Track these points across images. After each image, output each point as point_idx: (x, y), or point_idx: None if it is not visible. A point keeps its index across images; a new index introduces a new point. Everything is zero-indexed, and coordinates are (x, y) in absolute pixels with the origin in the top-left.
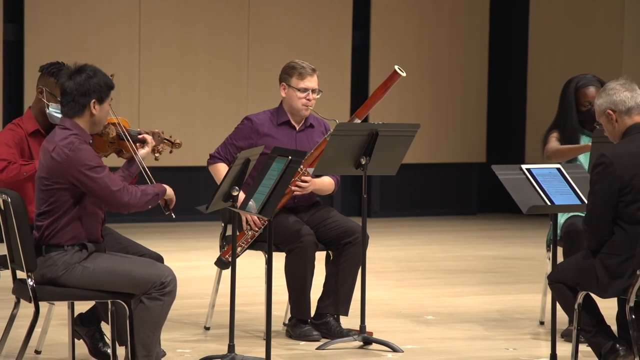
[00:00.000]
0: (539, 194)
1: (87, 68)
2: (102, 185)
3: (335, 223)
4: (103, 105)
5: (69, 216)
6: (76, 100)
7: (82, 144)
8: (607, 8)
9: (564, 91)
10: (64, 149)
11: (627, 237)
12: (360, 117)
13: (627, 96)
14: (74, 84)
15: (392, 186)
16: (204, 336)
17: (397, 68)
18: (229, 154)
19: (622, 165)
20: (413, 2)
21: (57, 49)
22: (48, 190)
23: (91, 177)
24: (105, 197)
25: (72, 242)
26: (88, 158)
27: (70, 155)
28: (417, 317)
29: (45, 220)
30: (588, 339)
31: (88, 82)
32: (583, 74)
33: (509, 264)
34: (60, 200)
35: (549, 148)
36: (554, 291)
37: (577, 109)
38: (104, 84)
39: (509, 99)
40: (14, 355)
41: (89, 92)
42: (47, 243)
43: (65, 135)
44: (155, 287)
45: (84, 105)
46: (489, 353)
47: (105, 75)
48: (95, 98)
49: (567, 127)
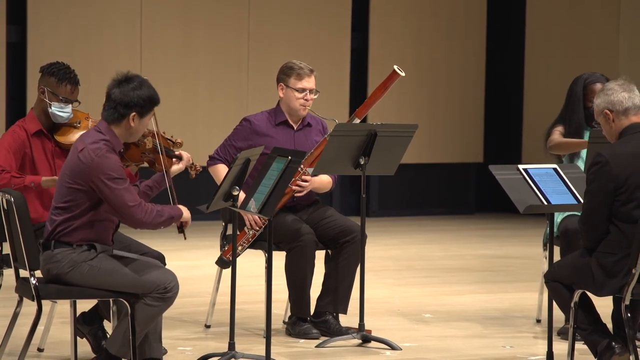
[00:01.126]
0: (535, 194)
1: (135, 79)
2: (119, 197)
3: (334, 222)
4: (143, 119)
5: (84, 219)
6: (117, 109)
7: (109, 152)
8: (603, 10)
9: (572, 87)
10: (91, 153)
11: (622, 236)
12: (360, 116)
13: (625, 97)
14: (119, 92)
15: (390, 186)
16: (205, 334)
17: (396, 68)
18: (228, 154)
19: (618, 164)
20: (411, 4)
21: (60, 51)
22: (68, 188)
23: (110, 187)
24: (119, 209)
25: (82, 242)
26: (112, 168)
27: (96, 161)
28: (415, 316)
29: (60, 217)
30: (584, 337)
31: (133, 93)
32: (591, 72)
33: (506, 263)
34: (77, 201)
35: (551, 139)
36: (551, 290)
37: (584, 105)
38: (147, 97)
39: (506, 99)
40: (17, 353)
41: (132, 104)
42: (57, 239)
43: (97, 139)
44: (158, 290)
45: (124, 115)
46: (486, 351)
47: (151, 89)
48: (136, 112)
49: (573, 121)
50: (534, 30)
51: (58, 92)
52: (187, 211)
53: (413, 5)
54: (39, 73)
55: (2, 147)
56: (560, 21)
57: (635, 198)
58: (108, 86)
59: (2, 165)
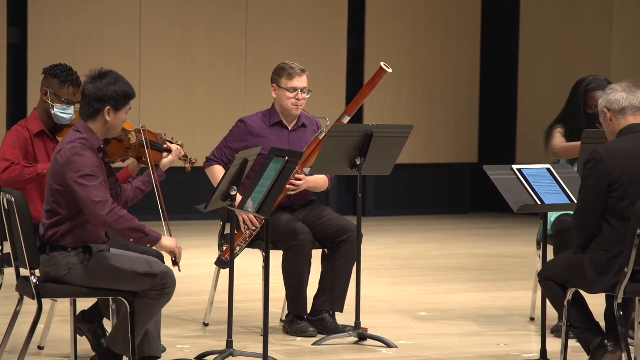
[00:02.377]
0: (529, 194)
1: (109, 74)
2: (86, 193)
3: (330, 222)
4: (119, 113)
5: (70, 224)
6: (92, 104)
7: (84, 149)
8: (596, 9)
9: (574, 90)
10: (67, 152)
11: (615, 234)
12: (349, 114)
13: (623, 97)
14: (93, 88)
15: (386, 186)
16: (203, 332)
17: (383, 64)
18: (225, 156)
19: (613, 161)
20: (406, 6)
21: (60, 53)
22: (52, 190)
23: (81, 183)
24: (85, 205)
25: (76, 245)
26: (84, 164)
27: (70, 160)
28: (411, 314)
29: (48, 220)
30: (577, 334)
31: (106, 89)
32: (595, 76)
33: (500, 262)
34: (60, 202)
35: (555, 144)
36: (544, 288)
37: (585, 110)
38: (122, 92)
39: (500, 101)
40: (18, 351)
41: (105, 98)
42: (51, 244)
43: (74, 138)
44: (157, 287)
45: (99, 110)
46: (481, 349)
47: (126, 84)
48: (110, 105)
49: (574, 127)
50: (528, 32)
51: (60, 94)
52: (171, 240)
53: (408, 7)
54: (42, 75)
55: (7, 143)
56: (554, 21)
57: (628, 195)
58: (83, 83)
59: (10, 159)
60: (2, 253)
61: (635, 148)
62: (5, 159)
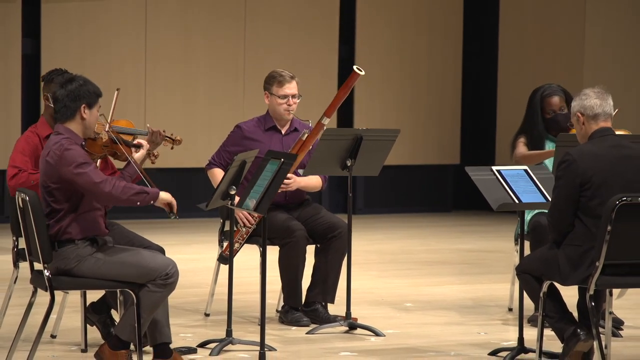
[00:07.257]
0: (508, 193)
1: (77, 78)
2: (87, 178)
3: (322, 219)
4: (92, 110)
5: (73, 214)
6: (67, 105)
7: (71, 144)
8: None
9: (531, 99)
10: (55, 151)
11: (587, 231)
12: (328, 115)
13: (597, 103)
14: (65, 92)
15: (375, 186)
16: (204, 322)
17: (356, 68)
18: (223, 159)
19: (585, 163)
20: (394, 18)
21: (71, 62)
22: (48, 192)
23: (79, 172)
24: (89, 189)
25: (81, 236)
26: (76, 155)
27: (61, 155)
28: (398, 305)
29: (51, 219)
30: (552, 324)
31: (79, 90)
32: (549, 84)
33: (481, 256)
34: (58, 199)
35: (517, 153)
36: (521, 281)
37: (543, 116)
38: (92, 91)
39: (481, 108)
40: (32, 340)
41: (79, 97)
42: (58, 239)
43: (57, 139)
44: (161, 277)
45: (75, 109)
46: (462, 337)
47: (93, 85)
48: (85, 103)
49: (534, 132)
50: (507, 42)
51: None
52: (166, 193)
53: (396, 18)
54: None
55: (16, 150)
56: (531, 33)
57: (599, 195)
58: (52, 91)
59: (18, 165)
60: (17, 248)
61: (605, 150)
62: (15, 166)
